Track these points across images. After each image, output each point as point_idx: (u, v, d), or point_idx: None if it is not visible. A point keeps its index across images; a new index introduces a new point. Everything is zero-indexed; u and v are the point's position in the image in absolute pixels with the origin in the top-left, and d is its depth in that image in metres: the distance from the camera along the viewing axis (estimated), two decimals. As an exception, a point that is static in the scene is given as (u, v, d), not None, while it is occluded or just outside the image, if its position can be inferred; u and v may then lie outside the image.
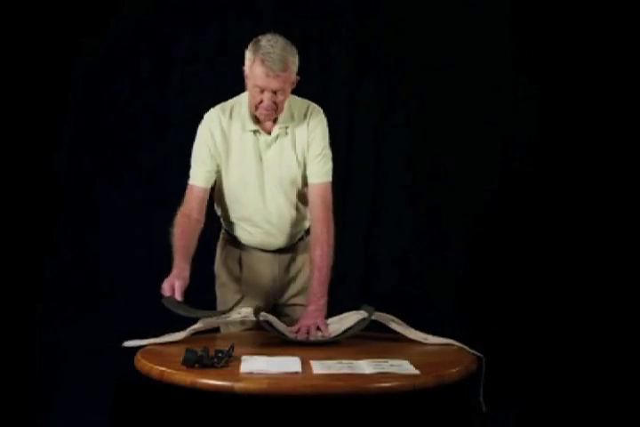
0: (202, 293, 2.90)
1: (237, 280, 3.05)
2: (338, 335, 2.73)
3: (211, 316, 2.73)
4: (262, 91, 2.76)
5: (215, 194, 3.01)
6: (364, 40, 3.92)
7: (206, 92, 2.95)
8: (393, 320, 2.81)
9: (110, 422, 3.64)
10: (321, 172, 2.93)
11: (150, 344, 2.66)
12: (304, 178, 2.95)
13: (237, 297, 3.02)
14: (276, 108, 2.80)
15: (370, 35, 3.92)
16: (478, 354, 2.62)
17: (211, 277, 3.12)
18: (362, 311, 2.78)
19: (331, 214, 2.93)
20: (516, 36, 3.88)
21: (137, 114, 3.89)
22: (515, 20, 3.88)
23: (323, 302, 2.82)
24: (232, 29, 3.82)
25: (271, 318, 2.76)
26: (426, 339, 2.75)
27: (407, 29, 3.90)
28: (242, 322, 2.95)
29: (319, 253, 2.87)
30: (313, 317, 2.77)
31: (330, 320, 2.81)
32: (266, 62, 2.71)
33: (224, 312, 2.74)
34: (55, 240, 3.86)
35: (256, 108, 2.81)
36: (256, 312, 2.73)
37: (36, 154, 3.80)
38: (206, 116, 2.95)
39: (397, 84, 3.94)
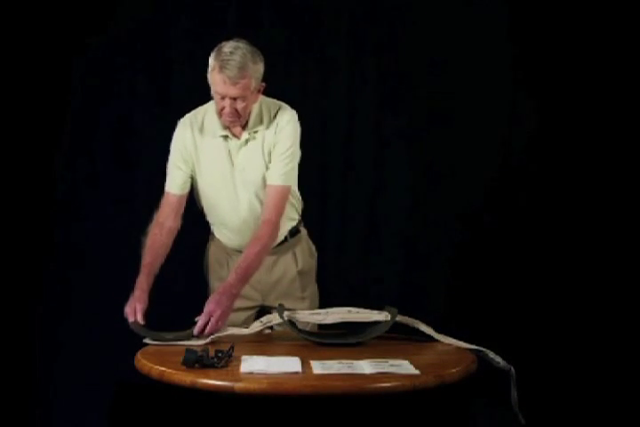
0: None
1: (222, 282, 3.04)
2: (362, 336, 2.71)
3: (176, 339, 2.67)
4: (223, 97, 2.75)
5: (196, 199, 3.02)
6: (365, 42, 3.91)
7: (207, 93, 2.95)
8: (420, 322, 2.76)
9: (110, 423, 3.65)
10: (278, 173, 2.88)
11: (168, 345, 2.65)
12: None
13: None
14: (239, 115, 2.79)
15: (370, 37, 3.91)
16: (507, 366, 2.62)
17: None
18: (385, 313, 2.74)
19: (279, 219, 2.86)
20: (516, 40, 3.86)
21: (137, 115, 3.89)
22: (513, 23, 3.88)
23: (235, 291, 2.71)
24: (232, 30, 3.81)
25: (298, 316, 2.75)
26: (456, 343, 2.71)
27: (407, 30, 3.90)
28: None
29: (255, 250, 2.78)
30: (215, 301, 2.66)
31: (345, 309, 2.74)
32: (224, 69, 2.71)
33: (189, 335, 2.67)
34: (55, 241, 3.85)
35: (220, 114, 2.81)
36: (280, 311, 2.72)
37: (36, 155, 3.80)
38: (179, 122, 2.96)
39: (397, 86, 3.93)
